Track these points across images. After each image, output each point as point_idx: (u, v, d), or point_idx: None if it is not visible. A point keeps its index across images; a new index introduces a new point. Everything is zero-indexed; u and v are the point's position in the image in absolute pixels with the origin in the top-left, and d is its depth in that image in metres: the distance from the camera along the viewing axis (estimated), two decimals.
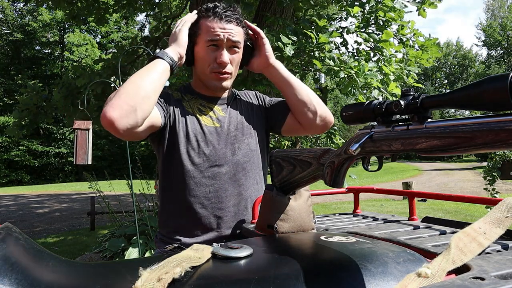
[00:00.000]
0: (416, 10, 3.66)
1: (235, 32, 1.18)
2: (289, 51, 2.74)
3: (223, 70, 1.19)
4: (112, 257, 3.62)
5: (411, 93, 0.66)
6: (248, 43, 1.28)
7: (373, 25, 3.43)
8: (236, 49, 1.20)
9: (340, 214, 1.62)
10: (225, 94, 1.30)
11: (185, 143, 1.18)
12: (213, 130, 1.21)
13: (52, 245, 5.41)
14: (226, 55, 1.17)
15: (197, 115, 1.21)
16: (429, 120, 0.64)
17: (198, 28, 1.18)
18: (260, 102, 1.37)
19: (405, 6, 3.42)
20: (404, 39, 3.63)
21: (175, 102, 1.22)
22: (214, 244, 0.69)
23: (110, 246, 3.70)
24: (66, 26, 28.55)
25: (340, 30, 3.39)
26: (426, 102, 0.63)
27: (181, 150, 1.18)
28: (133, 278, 0.54)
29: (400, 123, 0.69)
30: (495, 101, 0.51)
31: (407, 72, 3.52)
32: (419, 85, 3.71)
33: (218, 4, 1.19)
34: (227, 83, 1.23)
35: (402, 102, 0.66)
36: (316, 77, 4.70)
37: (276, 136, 4.73)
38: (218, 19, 1.16)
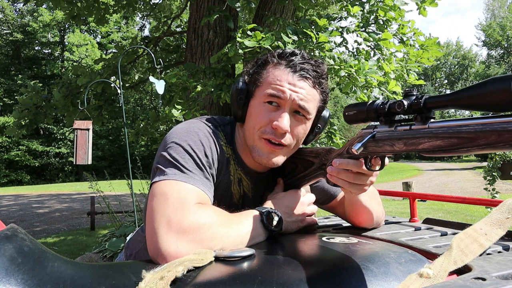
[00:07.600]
0: (417, 9, 3.65)
1: (307, 95, 0.86)
2: None
3: (278, 140, 0.86)
4: (112, 257, 3.62)
5: (414, 93, 0.66)
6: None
7: (373, 25, 3.43)
8: (303, 117, 0.88)
9: None
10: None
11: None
12: (238, 202, 0.99)
13: (52, 245, 5.40)
14: (286, 119, 0.85)
15: (232, 188, 0.95)
16: (432, 120, 0.64)
17: (261, 76, 0.89)
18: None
19: (405, 3, 3.40)
20: (405, 39, 3.62)
21: (223, 165, 0.92)
22: None
23: (110, 246, 3.70)
24: (66, 26, 28.54)
25: (340, 29, 3.39)
26: (429, 103, 0.63)
27: None
28: (137, 279, 0.54)
29: (403, 123, 0.69)
30: (498, 102, 0.51)
31: (407, 70, 3.51)
32: (421, 82, 3.68)
33: (298, 52, 0.89)
34: (279, 160, 0.90)
35: (405, 102, 0.66)
36: None
37: None
38: (291, 71, 0.86)
